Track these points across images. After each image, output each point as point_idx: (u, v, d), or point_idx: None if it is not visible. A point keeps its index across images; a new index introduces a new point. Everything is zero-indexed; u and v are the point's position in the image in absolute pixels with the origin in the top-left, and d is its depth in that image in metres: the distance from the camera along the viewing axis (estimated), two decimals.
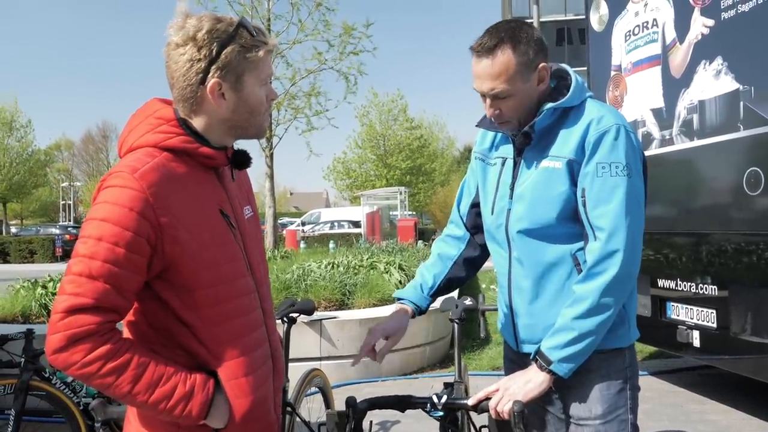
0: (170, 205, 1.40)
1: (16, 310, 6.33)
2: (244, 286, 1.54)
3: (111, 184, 1.39)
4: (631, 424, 1.88)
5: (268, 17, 13.46)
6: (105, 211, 1.36)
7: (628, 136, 1.80)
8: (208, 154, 1.50)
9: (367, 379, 6.02)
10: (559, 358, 1.76)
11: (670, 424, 4.66)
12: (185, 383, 1.41)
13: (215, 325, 1.47)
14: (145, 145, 1.47)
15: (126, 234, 1.34)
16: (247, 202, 1.69)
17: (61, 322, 1.33)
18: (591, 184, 1.79)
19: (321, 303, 6.60)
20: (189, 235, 1.42)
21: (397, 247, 11.99)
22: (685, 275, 4.86)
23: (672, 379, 5.87)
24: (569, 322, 1.77)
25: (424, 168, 35.89)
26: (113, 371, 1.35)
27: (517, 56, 1.77)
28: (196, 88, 1.46)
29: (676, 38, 4.85)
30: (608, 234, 1.76)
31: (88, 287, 1.33)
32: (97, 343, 1.34)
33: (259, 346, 1.56)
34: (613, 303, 1.76)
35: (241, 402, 1.48)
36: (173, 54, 1.45)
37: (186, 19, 1.45)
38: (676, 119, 4.87)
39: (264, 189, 13.98)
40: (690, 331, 4.77)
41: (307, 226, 30.63)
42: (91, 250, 1.34)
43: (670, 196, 5.04)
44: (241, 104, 1.49)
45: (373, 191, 27.77)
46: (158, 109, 1.52)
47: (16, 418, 3.42)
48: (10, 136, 37.83)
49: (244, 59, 1.46)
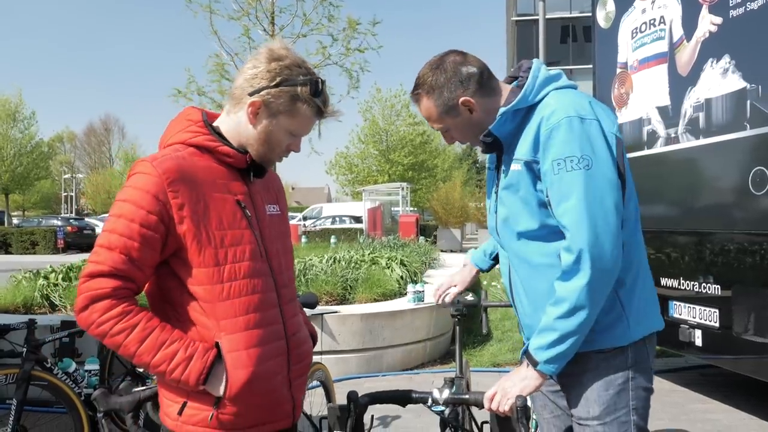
0: (184, 191, 1.60)
1: (17, 301, 6.34)
2: (254, 268, 1.68)
3: (135, 171, 1.63)
4: (634, 425, 1.83)
5: (272, 10, 13.40)
6: (127, 193, 1.60)
7: (582, 126, 1.74)
8: (226, 153, 1.71)
9: (368, 374, 6.02)
10: (544, 359, 1.75)
11: (671, 423, 4.65)
12: (186, 349, 1.58)
13: (221, 300, 1.62)
14: (176, 142, 1.71)
15: (140, 212, 1.56)
16: (275, 201, 1.87)
17: (83, 285, 1.57)
18: (551, 183, 1.75)
19: (322, 297, 6.60)
20: (200, 217, 1.62)
21: (399, 242, 11.96)
22: (688, 274, 4.85)
23: (673, 378, 5.86)
24: (552, 322, 1.74)
25: (426, 164, 35.84)
26: (123, 330, 1.55)
27: (433, 101, 1.88)
28: (244, 96, 1.68)
29: (683, 36, 4.83)
30: (571, 233, 1.72)
31: (107, 256, 1.56)
32: (112, 305, 1.55)
33: (267, 325, 1.68)
34: (590, 302, 1.70)
35: (239, 373, 1.61)
36: (255, 61, 1.69)
37: (281, 48, 1.71)
38: (682, 117, 4.85)
39: None
40: (692, 330, 4.76)
41: (309, 221, 30.60)
42: (112, 226, 1.58)
43: (674, 195, 5.03)
44: (263, 134, 1.70)
45: (375, 187, 27.72)
46: (189, 113, 1.77)
47: (17, 407, 3.42)
48: (14, 128, 37.82)
49: (291, 104, 1.67)
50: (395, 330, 6.23)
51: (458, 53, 1.89)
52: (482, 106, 1.87)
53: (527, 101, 1.84)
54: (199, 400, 1.62)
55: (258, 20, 13.30)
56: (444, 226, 26.23)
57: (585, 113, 1.76)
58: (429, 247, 12.92)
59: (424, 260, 10.56)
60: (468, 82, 1.85)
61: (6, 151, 36.81)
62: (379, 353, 6.15)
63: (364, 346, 6.06)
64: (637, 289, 1.86)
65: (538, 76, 1.86)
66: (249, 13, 13.14)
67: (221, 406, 1.62)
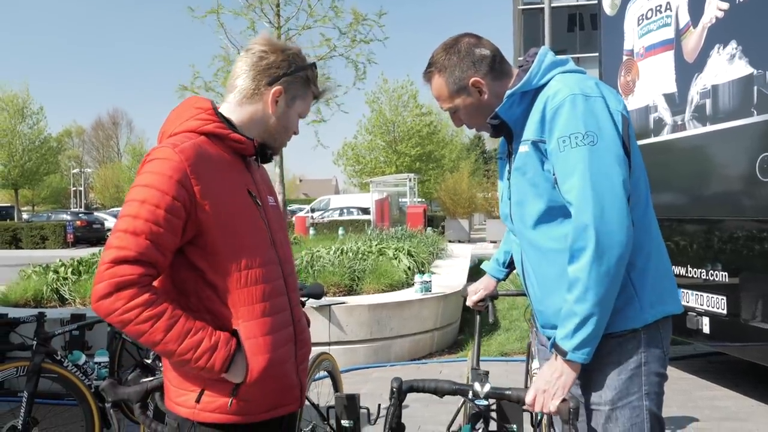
0: (204, 177, 1.61)
1: (28, 295, 6.40)
2: (268, 256, 1.73)
3: (155, 156, 1.62)
4: (647, 410, 1.81)
5: (277, 2, 13.37)
6: (149, 178, 1.59)
7: (586, 103, 1.74)
8: (238, 140, 1.73)
9: (376, 364, 6.04)
10: (571, 347, 1.72)
11: (678, 410, 4.65)
12: (210, 338, 1.59)
13: (238, 288, 1.65)
14: (185, 130, 1.70)
15: (166, 198, 1.56)
16: (271, 193, 1.91)
17: (107, 272, 1.53)
18: (557, 160, 1.75)
19: (330, 288, 6.62)
20: (218, 205, 1.63)
21: (406, 233, 11.97)
22: (695, 261, 4.83)
23: (681, 366, 5.86)
24: (571, 307, 1.72)
25: (434, 155, 35.77)
26: (150, 318, 1.54)
27: (444, 80, 1.91)
28: (262, 88, 1.74)
29: (689, 22, 4.79)
30: (576, 208, 1.71)
31: (132, 242, 1.54)
32: (138, 293, 1.53)
33: (279, 312, 1.73)
34: (603, 279, 1.68)
35: (258, 359, 1.64)
36: (253, 55, 1.74)
37: (274, 40, 1.78)
38: (688, 104, 4.82)
39: (273, 175, 13.97)
40: (700, 317, 4.75)
41: (317, 213, 30.64)
42: (136, 211, 1.56)
43: (681, 182, 5.01)
44: (283, 118, 1.79)
45: (383, 178, 27.69)
46: (197, 101, 1.78)
47: (28, 399, 3.45)
48: (22, 123, 37.92)
49: (305, 87, 1.80)
50: (403, 320, 6.25)
51: (473, 36, 1.92)
52: (492, 89, 1.89)
53: (531, 84, 1.84)
54: (217, 387, 1.64)
55: (263, 13, 13.29)
56: (452, 217, 26.23)
57: (590, 91, 1.77)
58: (436, 238, 12.91)
59: (432, 251, 10.57)
60: (480, 63, 1.88)
61: (15, 147, 36.93)
62: (387, 343, 6.17)
63: (371, 336, 6.08)
64: (650, 271, 1.83)
65: (544, 60, 1.88)
66: (254, 7, 13.14)
67: (240, 392, 1.64)
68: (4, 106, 37.39)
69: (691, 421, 4.45)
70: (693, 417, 4.52)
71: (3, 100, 37.48)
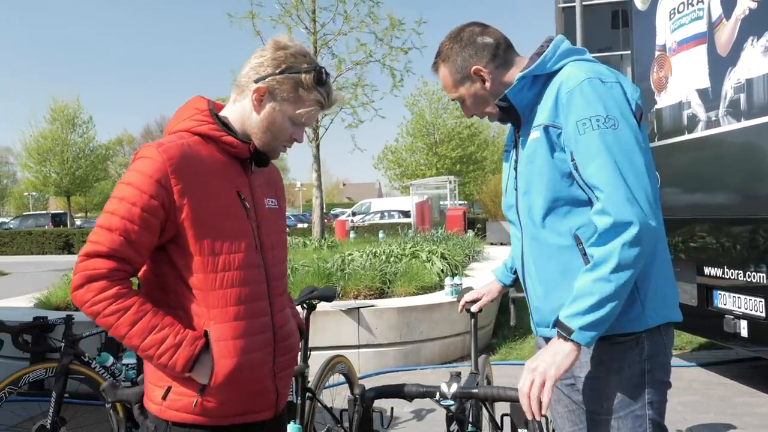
0: (186, 178, 1.62)
1: (68, 298, 6.59)
2: (248, 260, 1.70)
3: (140, 155, 1.64)
4: (650, 420, 1.75)
5: (314, 8, 13.48)
6: (130, 176, 1.62)
7: (604, 87, 1.70)
8: (230, 143, 1.72)
9: (406, 367, 6.01)
10: (580, 325, 1.61)
11: (716, 416, 4.49)
12: (176, 336, 1.60)
13: (213, 289, 1.65)
14: (181, 129, 1.73)
15: (144, 196, 1.58)
16: (274, 195, 1.90)
17: (80, 264, 1.59)
18: (576, 144, 1.69)
19: (361, 291, 6.62)
20: (199, 205, 1.63)
21: (442, 236, 11.89)
22: (732, 263, 4.66)
23: (721, 371, 5.65)
24: (590, 285, 1.62)
25: (475, 157, 35.55)
26: (116, 312, 1.57)
27: (448, 70, 1.92)
28: (250, 83, 1.71)
29: (722, 14, 4.63)
30: (605, 192, 1.63)
31: (106, 237, 1.58)
32: (108, 286, 1.57)
33: (255, 317, 1.71)
34: (634, 260, 1.60)
35: (225, 362, 1.63)
36: (262, 51, 1.73)
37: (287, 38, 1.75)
38: (722, 99, 4.65)
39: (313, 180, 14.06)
40: (737, 320, 4.57)
41: (357, 216, 30.76)
42: (114, 208, 1.60)
43: (717, 180, 4.84)
44: (267, 120, 1.72)
45: (423, 180, 27.64)
46: (197, 102, 1.79)
47: (56, 400, 3.54)
48: (73, 132, 39.27)
49: (294, 91, 1.70)
50: (433, 323, 6.20)
51: (478, 24, 1.92)
52: (496, 77, 1.87)
53: (545, 68, 1.81)
54: (184, 385, 1.64)
55: (300, 19, 13.43)
56: (493, 219, 25.97)
57: (606, 77, 1.73)
58: (474, 240, 12.79)
59: (468, 253, 10.46)
60: (482, 51, 1.87)
61: (66, 155, 38.26)
62: (417, 347, 6.13)
63: (401, 339, 6.05)
64: (653, 275, 1.76)
65: (560, 46, 1.85)
66: (291, 13, 13.28)
67: (206, 393, 1.64)
68: (56, 117, 38.75)
69: (729, 429, 4.28)
70: (731, 424, 4.35)
71: (55, 111, 38.84)
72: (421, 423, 4.47)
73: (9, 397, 3.48)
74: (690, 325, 5.21)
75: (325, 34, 13.62)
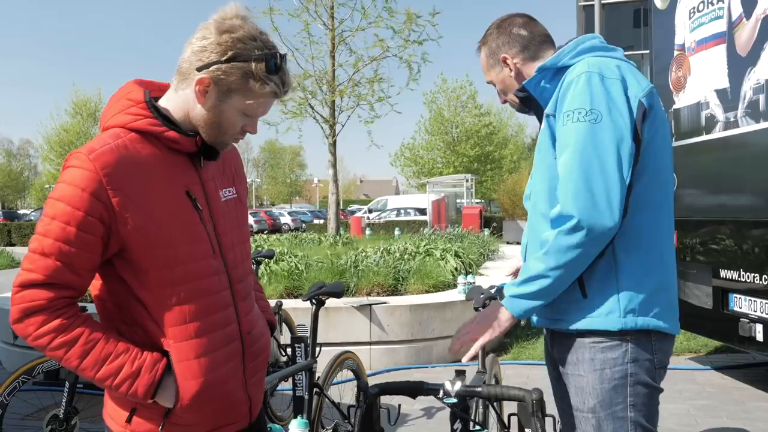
0: (126, 185, 1.42)
1: None
2: (206, 268, 1.54)
3: (70, 164, 1.43)
4: (632, 422, 1.75)
5: (332, 4, 13.51)
6: (60, 191, 1.41)
7: (600, 82, 1.71)
8: (173, 138, 1.51)
9: (418, 365, 6.01)
10: (511, 294, 1.77)
11: (729, 421, 4.44)
12: (132, 363, 1.44)
13: (169, 306, 1.48)
14: (114, 125, 1.51)
15: (77, 213, 1.38)
16: (231, 184, 1.68)
17: (16, 296, 1.41)
18: (558, 134, 1.77)
19: (373, 288, 6.63)
20: (144, 215, 1.44)
21: (458, 234, 11.87)
22: (748, 265, 4.59)
23: (737, 375, 5.58)
24: (530, 262, 1.76)
25: (493, 155, 35.42)
26: (63, 345, 1.41)
27: (485, 53, 2.02)
28: (192, 71, 1.48)
29: (742, 14, 4.56)
30: (562, 183, 1.71)
31: (40, 264, 1.39)
32: (49, 318, 1.40)
33: (219, 328, 1.55)
34: (566, 249, 1.67)
35: (190, 384, 1.49)
36: (205, 31, 1.48)
37: (234, 16, 1.48)
38: (741, 100, 4.59)
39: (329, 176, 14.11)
40: (753, 324, 4.51)
41: (374, 214, 30.78)
42: (45, 229, 1.40)
43: (734, 182, 4.77)
44: (213, 113, 1.50)
45: (440, 178, 27.61)
46: (130, 91, 1.55)
47: (70, 389, 3.57)
48: (95, 126, 39.75)
49: (243, 82, 1.47)
50: (445, 321, 6.19)
51: (522, 16, 2.00)
52: (523, 68, 1.95)
53: (559, 62, 1.86)
54: (149, 407, 1.51)
55: (318, 15, 13.47)
56: (510, 218, 25.86)
57: (608, 73, 1.75)
58: (489, 239, 12.76)
59: (483, 252, 10.44)
60: (514, 42, 1.95)
61: None
62: (429, 344, 6.13)
63: (413, 337, 6.05)
64: (641, 277, 1.75)
65: (583, 43, 1.88)
66: (308, 9, 13.32)
67: (172, 415, 1.51)
68: (78, 110, 39.25)
69: None
70: (744, 429, 4.30)
71: (77, 104, 39.33)
72: (430, 421, 4.47)
73: (23, 387, 3.52)
74: (705, 328, 5.16)
75: (343, 31, 13.66)
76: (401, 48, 13.32)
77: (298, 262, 7.14)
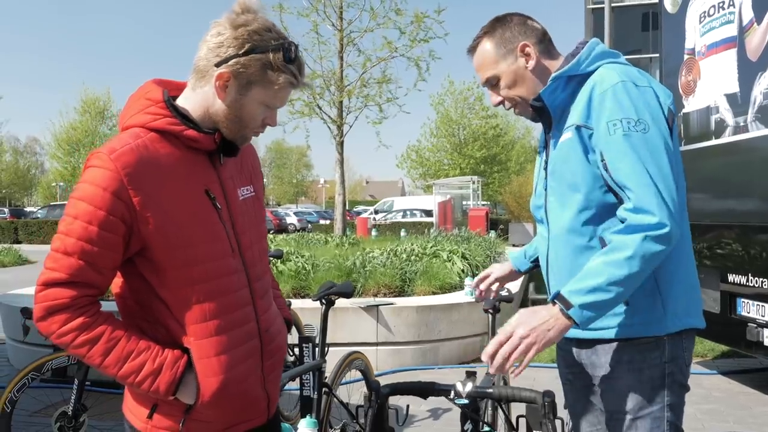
0: (146, 185, 1.44)
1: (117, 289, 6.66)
2: (225, 267, 1.56)
3: (91, 164, 1.45)
4: (668, 422, 1.76)
5: (341, 5, 13.54)
6: (82, 190, 1.43)
7: (638, 90, 1.70)
8: (192, 137, 1.52)
9: (424, 366, 6.01)
10: (580, 302, 1.60)
11: (736, 425, 4.43)
12: (154, 360, 1.47)
13: (189, 304, 1.50)
14: (134, 125, 1.52)
15: (99, 213, 1.41)
16: (248, 182, 1.70)
17: (39, 294, 1.43)
18: (607, 144, 1.69)
19: (380, 290, 6.64)
20: (164, 215, 1.46)
21: (464, 235, 11.87)
22: (757, 270, 4.58)
23: (743, 380, 5.57)
24: (601, 266, 1.62)
25: (499, 157, 35.40)
26: (86, 343, 1.44)
27: (491, 43, 1.87)
28: (210, 68, 1.50)
29: (753, 18, 4.55)
30: (635, 193, 1.64)
31: (63, 263, 1.42)
32: (72, 316, 1.43)
33: (238, 326, 1.57)
34: (651, 256, 1.60)
35: (210, 381, 1.51)
36: (219, 27, 1.50)
37: (246, 11, 1.51)
38: (751, 105, 4.58)
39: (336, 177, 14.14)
40: (761, 329, 4.50)
41: (380, 215, 30.80)
42: (67, 228, 1.42)
43: (743, 187, 4.76)
44: (235, 108, 1.52)
45: (446, 180, 27.62)
46: (149, 90, 1.56)
47: (78, 387, 3.60)
48: (103, 124, 39.98)
49: (262, 73, 1.49)
50: (452, 323, 6.20)
51: (522, 15, 1.93)
52: (540, 61, 1.86)
53: (579, 69, 1.82)
54: (170, 404, 1.53)
55: (326, 15, 13.50)
56: (516, 220, 25.84)
57: (639, 81, 1.74)
58: (495, 241, 12.75)
59: (489, 254, 10.44)
60: (531, 32, 1.87)
61: (96, 147, 38.88)
62: (435, 346, 6.14)
63: (420, 338, 6.06)
64: (678, 280, 1.78)
65: (595, 49, 1.85)
66: (317, 9, 13.36)
67: (193, 411, 1.53)
68: (86, 109, 39.45)
69: None
70: None
71: (86, 103, 39.53)
72: (437, 422, 4.47)
73: (32, 383, 3.54)
74: (712, 333, 5.15)
75: (351, 32, 13.69)
76: (408, 48, 13.35)
77: (305, 263, 7.16)
